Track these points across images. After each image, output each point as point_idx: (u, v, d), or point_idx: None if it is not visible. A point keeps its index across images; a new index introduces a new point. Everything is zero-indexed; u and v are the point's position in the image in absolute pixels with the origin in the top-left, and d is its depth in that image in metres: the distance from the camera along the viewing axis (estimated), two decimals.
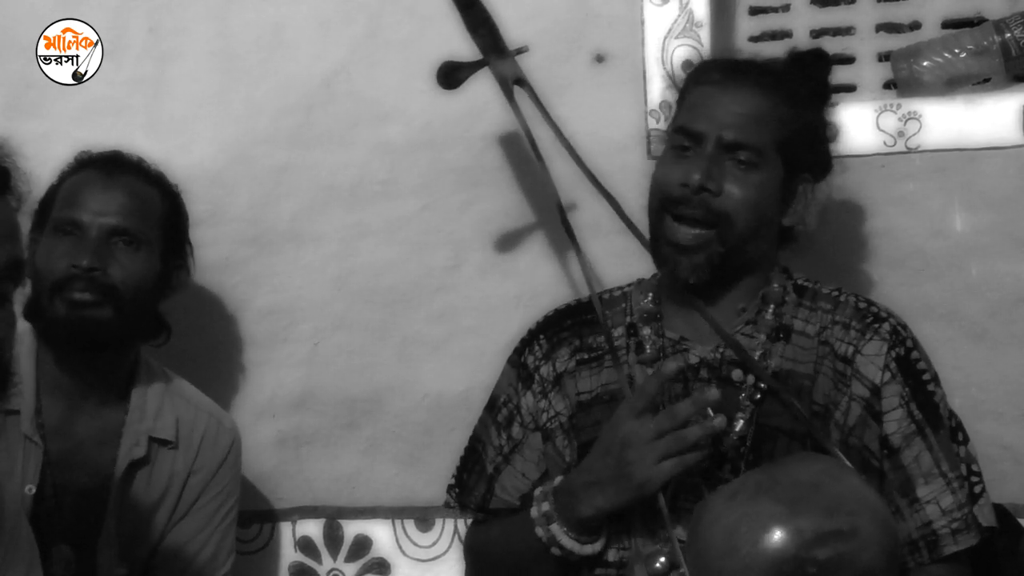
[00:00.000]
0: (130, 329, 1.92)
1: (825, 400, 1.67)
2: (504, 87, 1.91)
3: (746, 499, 1.48)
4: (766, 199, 1.70)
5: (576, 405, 1.76)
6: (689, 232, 1.68)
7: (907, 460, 1.64)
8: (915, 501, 1.63)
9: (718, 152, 1.68)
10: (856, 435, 1.65)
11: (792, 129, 1.72)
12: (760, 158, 1.69)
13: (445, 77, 1.93)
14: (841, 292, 1.76)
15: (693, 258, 1.68)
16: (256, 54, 2.23)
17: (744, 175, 1.68)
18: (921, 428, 1.65)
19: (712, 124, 1.69)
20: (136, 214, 1.92)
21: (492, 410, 1.85)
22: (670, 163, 1.73)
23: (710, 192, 1.67)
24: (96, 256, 1.86)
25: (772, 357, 1.69)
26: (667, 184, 1.70)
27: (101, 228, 1.88)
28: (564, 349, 1.80)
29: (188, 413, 2.00)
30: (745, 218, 1.68)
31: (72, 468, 1.90)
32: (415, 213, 2.20)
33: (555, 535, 1.64)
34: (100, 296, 1.86)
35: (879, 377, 1.66)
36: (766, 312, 1.72)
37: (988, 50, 2.00)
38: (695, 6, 2.08)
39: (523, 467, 1.79)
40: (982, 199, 1.98)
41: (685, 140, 1.71)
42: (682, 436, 1.56)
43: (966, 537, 1.63)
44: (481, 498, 1.82)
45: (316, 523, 2.31)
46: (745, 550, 1.44)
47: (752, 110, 1.69)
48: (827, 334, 1.70)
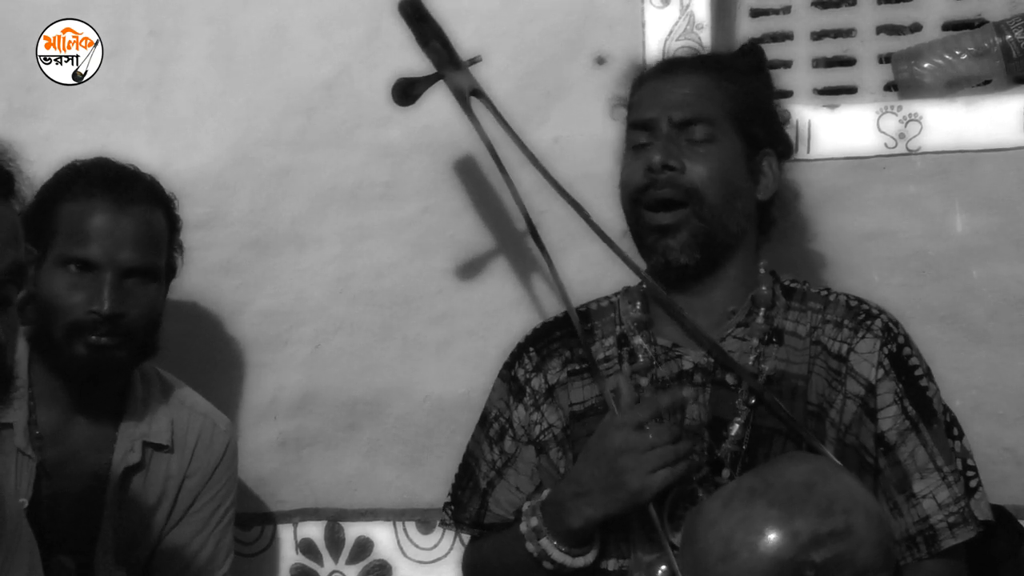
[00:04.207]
0: (141, 359, 1.92)
1: (819, 399, 1.67)
2: (460, 99, 1.89)
3: (740, 504, 1.48)
4: (730, 170, 1.72)
5: (570, 416, 1.76)
6: (666, 215, 1.70)
7: (903, 456, 1.64)
8: (912, 496, 1.63)
9: (672, 132, 1.72)
10: (853, 433, 1.65)
11: (739, 101, 1.75)
12: (714, 129, 1.72)
13: (401, 93, 1.90)
14: (830, 291, 1.76)
15: (678, 236, 1.70)
16: (257, 57, 2.23)
17: (703, 150, 1.71)
18: (915, 424, 1.65)
19: (660, 109, 1.74)
20: (148, 246, 1.88)
21: (484, 425, 1.85)
22: (631, 161, 1.76)
23: (673, 170, 1.69)
24: (114, 301, 1.82)
25: (767, 360, 1.69)
26: (632, 178, 1.74)
27: (116, 268, 1.84)
28: (555, 361, 1.80)
29: (183, 416, 2.00)
30: (714, 191, 1.70)
31: (67, 475, 1.89)
32: (416, 215, 2.20)
33: (545, 549, 1.64)
34: (119, 339, 1.84)
35: (873, 374, 1.66)
36: (757, 315, 1.72)
37: (989, 52, 2.00)
38: (696, 8, 2.08)
39: (517, 481, 1.79)
40: (983, 201, 1.98)
41: (640, 136, 1.75)
42: (676, 448, 1.58)
43: (963, 531, 1.62)
44: (476, 513, 1.81)
45: (317, 525, 2.31)
46: (743, 556, 1.44)
47: (696, 88, 1.74)
48: (818, 334, 1.71)
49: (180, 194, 2.03)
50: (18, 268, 1.28)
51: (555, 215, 2.00)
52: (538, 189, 1.93)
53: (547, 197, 1.94)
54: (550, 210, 1.99)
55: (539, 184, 1.90)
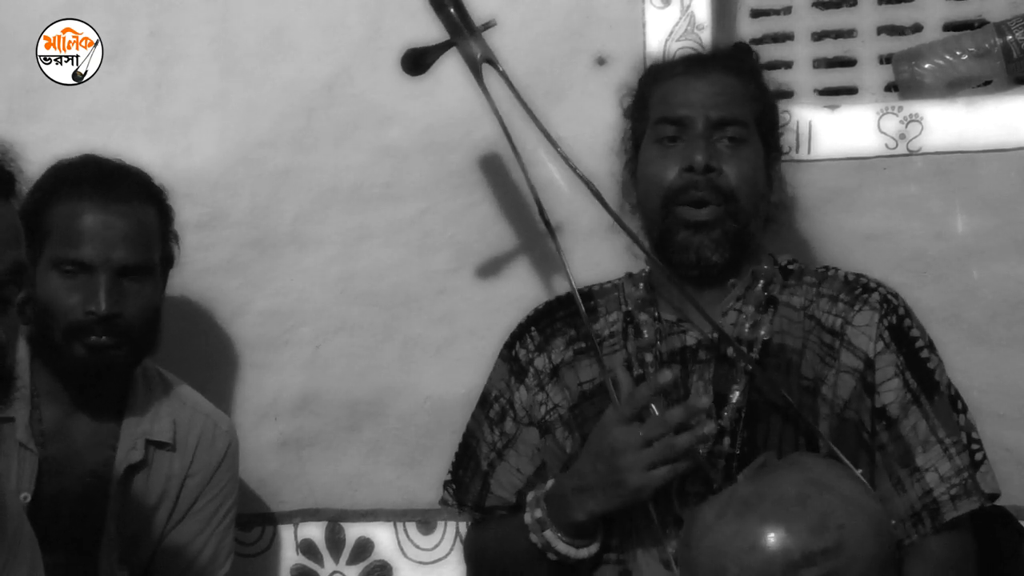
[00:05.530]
0: (141, 356, 1.92)
1: (813, 374, 1.66)
2: (472, 67, 1.82)
3: (734, 516, 1.46)
4: (758, 174, 1.73)
5: (579, 395, 1.76)
6: (702, 211, 1.69)
7: (905, 430, 1.63)
8: (915, 470, 1.62)
9: (709, 132, 1.70)
10: (852, 408, 1.64)
11: (764, 103, 1.77)
12: (746, 131, 1.72)
13: (412, 64, 1.86)
14: (828, 268, 1.77)
15: (712, 234, 1.69)
16: (258, 57, 2.23)
17: (736, 152, 1.71)
18: (916, 397, 1.64)
19: (696, 107, 1.71)
20: (140, 243, 1.87)
21: (484, 406, 1.85)
22: (659, 157, 1.73)
23: (713, 171, 1.68)
24: (110, 301, 1.82)
25: (762, 327, 1.69)
26: (666, 176, 1.71)
27: (110, 268, 1.84)
28: (559, 340, 1.80)
29: (184, 415, 2.00)
30: (747, 194, 1.70)
31: (69, 473, 1.90)
32: (417, 216, 2.20)
33: (549, 541, 1.64)
34: (118, 339, 1.84)
35: (871, 348, 1.66)
36: (755, 286, 1.73)
37: (989, 52, 2.00)
38: (696, 8, 2.08)
39: (517, 462, 1.79)
40: (983, 202, 1.98)
41: (668, 129, 1.72)
42: (673, 443, 1.55)
43: (966, 502, 1.61)
44: (477, 495, 1.82)
45: (318, 526, 2.31)
46: (733, 572, 1.42)
47: (728, 88, 1.73)
48: (813, 308, 1.70)
49: (180, 194, 2.03)
50: (19, 269, 1.28)
51: (559, 214, 2.00)
52: (547, 186, 1.92)
53: (552, 195, 1.94)
54: (555, 209, 1.99)
55: (547, 181, 1.90)
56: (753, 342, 1.69)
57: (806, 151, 2.03)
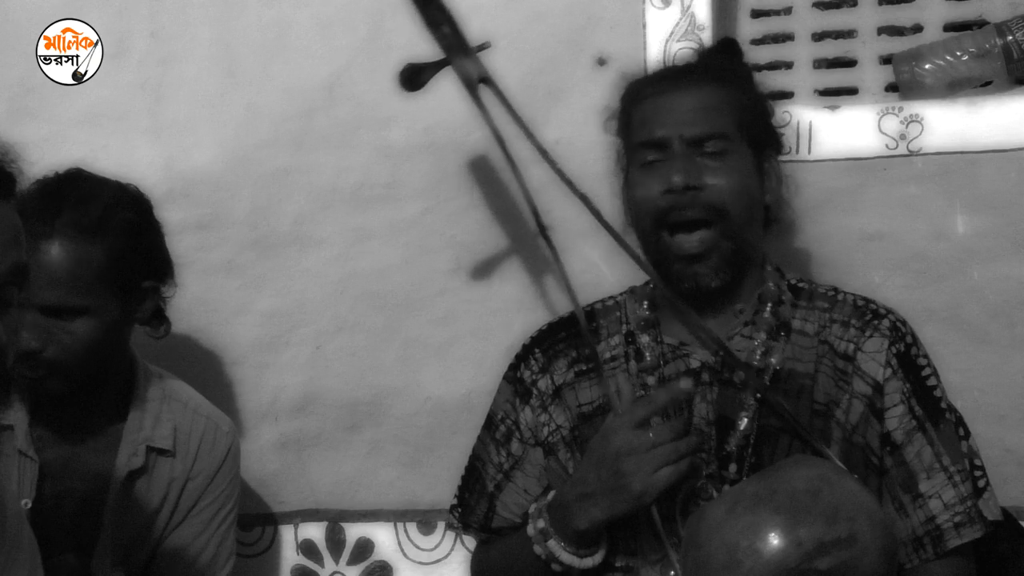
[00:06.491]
0: (97, 378, 1.88)
1: (826, 399, 1.67)
2: (468, 86, 1.84)
3: (745, 511, 1.47)
4: (748, 181, 1.71)
5: (578, 417, 1.76)
6: (692, 239, 1.68)
7: (909, 456, 1.64)
8: (918, 497, 1.63)
9: (686, 150, 1.69)
10: (859, 433, 1.65)
11: (746, 108, 1.74)
12: (728, 143, 1.70)
13: (408, 80, 1.86)
14: (838, 291, 1.76)
15: (707, 263, 1.68)
16: (258, 58, 2.23)
17: (719, 164, 1.69)
18: (922, 423, 1.65)
19: (671, 127, 1.70)
20: (69, 285, 1.80)
21: (490, 428, 1.84)
22: (643, 180, 1.72)
23: (695, 189, 1.67)
24: (32, 340, 1.79)
25: (773, 354, 1.69)
26: (650, 198, 1.70)
27: (35, 306, 1.79)
28: (561, 361, 1.80)
29: (186, 418, 2.00)
30: (737, 205, 1.68)
31: (69, 478, 1.90)
32: (417, 217, 2.20)
33: (553, 551, 1.64)
34: (45, 372, 1.82)
35: (880, 374, 1.66)
36: (764, 311, 1.72)
37: (990, 53, 2.00)
38: (697, 9, 2.08)
39: (524, 483, 1.79)
40: (984, 202, 1.98)
41: (650, 153, 1.71)
42: (678, 446, 1.57)
43: (970, 530, 1.62)
44: (483, 517, 1.82)
45: (318, 526, 2.31)
46: (747, 564, 1.43)
47: (704, 101, 1.71)
48: (826, 333, 1.70)
49: (181, 195, 2.04)
50: (19, 270, 1.28)
51: (556, 216, 2.00)
52: (543, 188, 1.92)
53: (551, 197, 1.94)
54: (552, 211, 1.99)
55: (543, 184, 1.90)
56: (764, 369, 1.68)
57: (806, 151, 2.03)
